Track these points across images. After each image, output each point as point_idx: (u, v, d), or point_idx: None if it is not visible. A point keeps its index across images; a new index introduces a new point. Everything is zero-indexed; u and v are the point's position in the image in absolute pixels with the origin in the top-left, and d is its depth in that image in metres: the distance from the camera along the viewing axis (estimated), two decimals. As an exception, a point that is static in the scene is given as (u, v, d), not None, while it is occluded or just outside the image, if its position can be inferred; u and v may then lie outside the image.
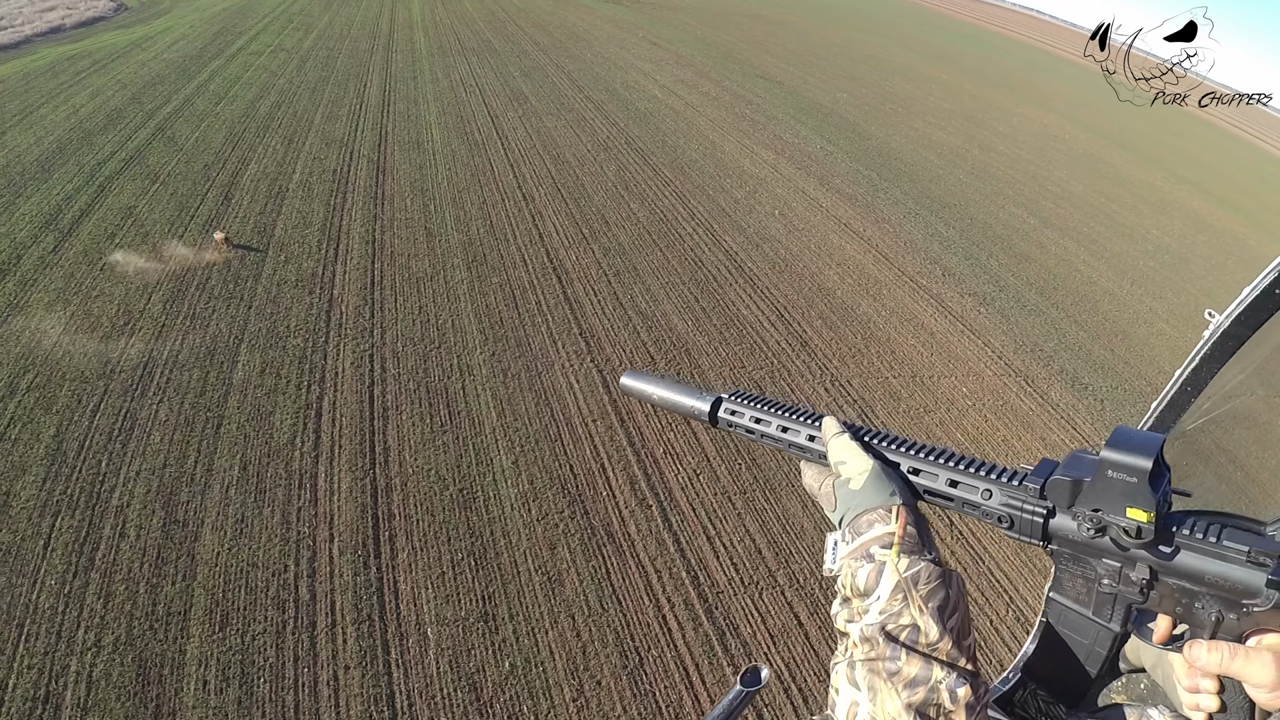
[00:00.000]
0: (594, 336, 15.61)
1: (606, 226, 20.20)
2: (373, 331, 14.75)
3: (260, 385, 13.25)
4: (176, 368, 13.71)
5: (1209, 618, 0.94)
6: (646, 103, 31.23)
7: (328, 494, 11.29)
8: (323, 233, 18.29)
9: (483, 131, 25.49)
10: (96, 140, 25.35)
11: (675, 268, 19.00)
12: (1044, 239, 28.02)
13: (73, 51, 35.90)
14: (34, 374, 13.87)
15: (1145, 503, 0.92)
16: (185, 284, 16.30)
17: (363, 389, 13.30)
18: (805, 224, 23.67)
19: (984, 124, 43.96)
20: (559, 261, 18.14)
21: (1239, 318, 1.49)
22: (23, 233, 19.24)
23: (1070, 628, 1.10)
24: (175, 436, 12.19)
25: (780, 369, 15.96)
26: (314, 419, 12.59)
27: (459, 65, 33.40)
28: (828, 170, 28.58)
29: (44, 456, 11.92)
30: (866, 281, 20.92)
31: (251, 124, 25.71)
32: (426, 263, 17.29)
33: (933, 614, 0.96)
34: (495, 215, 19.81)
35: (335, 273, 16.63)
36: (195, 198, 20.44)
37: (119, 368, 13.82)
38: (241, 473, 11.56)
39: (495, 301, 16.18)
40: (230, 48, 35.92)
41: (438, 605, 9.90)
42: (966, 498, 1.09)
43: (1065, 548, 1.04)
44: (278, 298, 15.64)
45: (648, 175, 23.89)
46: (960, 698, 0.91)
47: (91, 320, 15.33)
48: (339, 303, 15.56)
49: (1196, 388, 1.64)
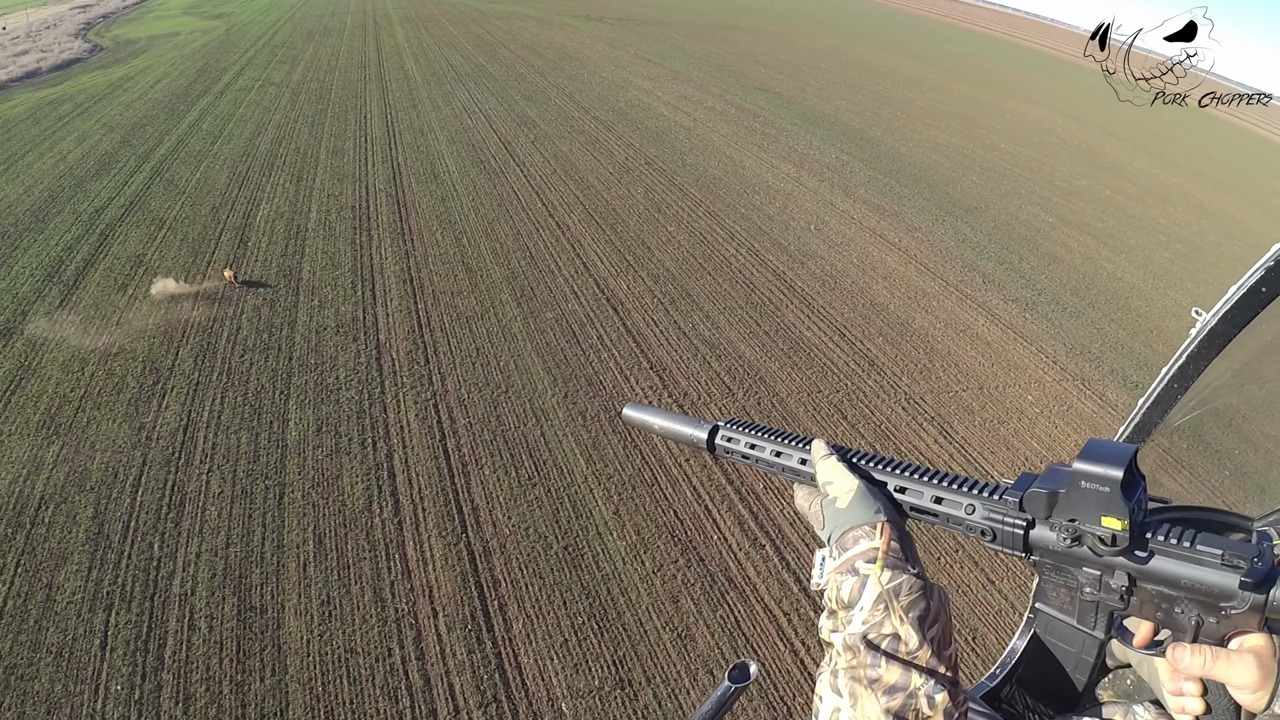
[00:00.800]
0: (665, 370, 14.72)
1: (649, 252, 19.39)
2: (431, 378, 13.71)
3: (319, 445, 12.14)
4: (221, 430, 12.54)
5: (1189, 621, 0.95)
6: (655, 121, 30.62)
7: (420, 564, 10.21)
8: (354, 273, 17.22)
9: (498, 159, 24.61)
10: (90, 187, 24.06)
11: (728, 291, 18.23)
12: (1064, 237, 27.93)
13: (52, 96, 34.45)
14: (59, 445, 12.63)
15: (1119, 511, 0.94)
16: (214, 335, 15.13)
17: (434, 443, 12.25)
18: (842, 237, 23.14)
19: (980, 123, 44.09)
20: (610, 291, 17.26)
21: (1226, 315, 1.48)
22: (24, 287, 17.95)
23: (1057, 636, 1.12)
24: (234, 510, 11.03)
25: (854, 391, 15.24)
26: (387, 480, 11.51)
27: (458, 92, 32.56)
28: (848, 180, 28.13)
29: (85, 541, 10.70)
30: (914, 293, 20.44)
31: (254, 162, 24.57)
32: (472, 300, 16.30)
33: (913, 623, 0.99)
34: (533, 246, 18.90)
35: (377, 316, 15.57)
36: (208, 241, 19.27)
37: (155, 434, 12.62)
38: (318, 547, 10.44)
39: (554, 338, 15.23)
40: (217, 84, 34.73)
41: (567, 676, 8.90)
42: (950, 513, 1.11)
43: (1046, 558, 1.05)
44: (319, 346, 14.55)
45: (676, 196, 23.17)
46: (938, 704, 0.93)
47: (115, 381, 14.11)
48: (388, 348, 14.50)
49: (1184, 385, 1.63)
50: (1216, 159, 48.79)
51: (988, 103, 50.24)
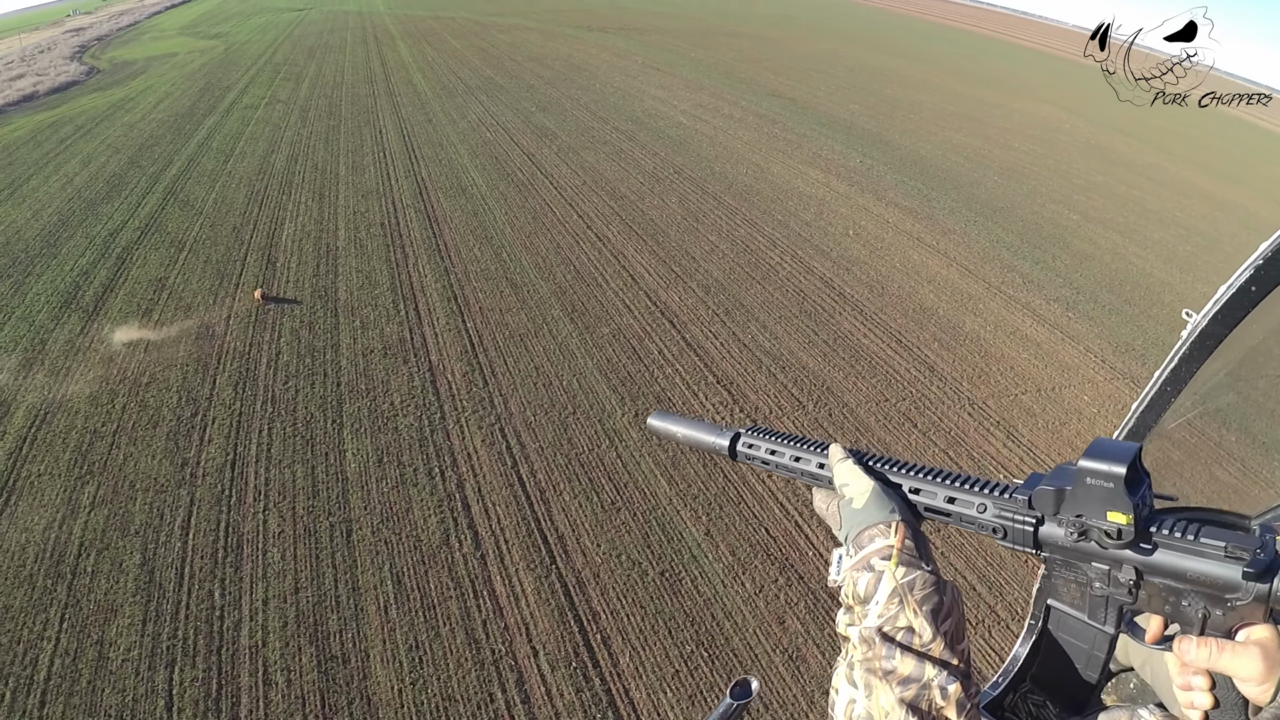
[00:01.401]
0: (731, 383, 14.00)
1: (695, 262, 18.70)
2: (492, 401, 12.89)
3: (383, 477, 11.29)
4: (273, 464, 11.66)
5: (1196, 615, 0.95)
6: (675, 130, 30.06)
7: (511, 600, 9.41)
8: (394, 292, 16.42)
9: (524, 172, 23.91)
10: (101, 209, 23.18)
11: (780, 300, 17.57)
12: (1091, 234, 27.73)
13: (52, 118, 33.57)
14: (95, 484, 11.73)
15: (1123, 506, 0.96)
16: (253, 361, 14.27)
17: (506, 470, 11.43)
18: (880, 242, 22.67)
19: (991, 123, 43.93)
20: (663, 304, 16.54)
21: (1216, 317, 1.46)
22: (41, 314, 17.06)
23: (1068, 632, 1.13)
24: (298, 551, 10.15)
25: (920, 399, 14.67)
26: (462, 511, 10.68)
27: (472, 105, 31.91)
28: (877, 184, 27.66)
29: (135, 591, 9.79)
30: (960, 297, 20.02)
31: (271, 180, 23.77)
32: (523, 317, 15.52)
33: (927, 617, 1.01)
34: (576, 259, 18.17)
35: (425, 337, 14.75)
36: (233, 263, 18.42)
37: (201, 470, 11.73)
38: (397, 587, 9.59)
39: (615, 354, 14.47)
40: (222, 103, 33.95)
41: (683, 709, 8.24)
42: (963, 513, 1.12)
43: (1056, 554, 1.07)
44: (368, 370, 13.71)
45: (711, 205, 22.53)
46: (951, 694, 0.94)
47: (150, 413, 13.22)
48: (442, 371, 13.69)
49: (1176, 388, 1.61)
50: (1221, 151, 48.94)
51: (993, 102, 50.15)
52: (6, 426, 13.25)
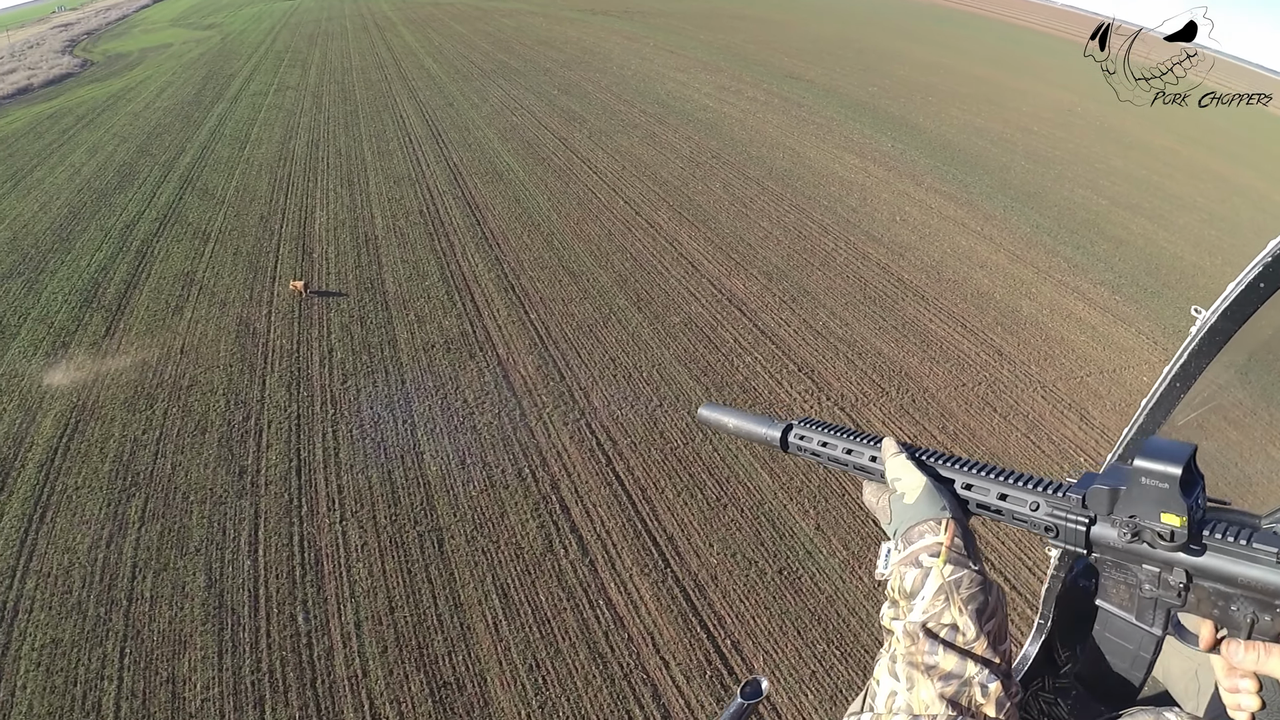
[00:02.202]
0: (812, 372, 13.23)
1: (751, 249, 17.84)
2: (573, 395, 12.00)
3: (469, 480, 10.38)
4: (343, 470, 10.72)
5: (1244, 619, 0.94)
6: (704, 113, 29.08)
7: (631, 608, 8.58)
8: (446, 283, 15.43)
9: (560, 156, 22.88)
10: (114, 200, 21.99)
11: (843, 287, 16.80)
12: (1122, 219, 27.36)
13: (49, 110, 32.12)
14: (142, 497, 10.74)
15: (1177, 507, 0.94)
16: (303, 360, 13.28)
17: (601, 468, 10.57)
18: (927, 227, 22.02)
19: (1008, 105, 43.27)
20: (728, 291, 15.68)
21: (1225, 313, 1.45)
22: (60, 314, 15.96)
23: (1115, 633, 1.12)
24: (386, 565, 9.24)
25: (994, 383, 14.19)
26: (561, 514, 9.80)
27: (491, 89, 30.77)
28: (912, 169, 26.93)
29: (204, 618, 8.84)
30: (1013, 281, 19.55)
31: (294, 167, 22.63)
32: (588, 307, 14.59)
33: (972, 615, 1.00)
34: (631, 247, 17.23)
35: (488, 330, 13.81)
36: (265, 254, 17.36)
37: (262, 479, 10.77)
38: (504, 601, 8.71)
39: (690, 344, 13.60)
40: (228, 90, 32.63)
41: (826, 710, 7.64)
42: (1015, 510, 1.11)
43: (1107, 554, 1.05)
44: (432, 367, 12.77)
45: (755, 190, 21.65)
46: (991, 693, 0.94)
47: (196, 418, 12.22)
48: (513, 365, 12.76)
49: (1185, 384, 1.59)
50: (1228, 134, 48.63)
51: (1004, 85, 49.44)
52: (34, 437, 12.19)
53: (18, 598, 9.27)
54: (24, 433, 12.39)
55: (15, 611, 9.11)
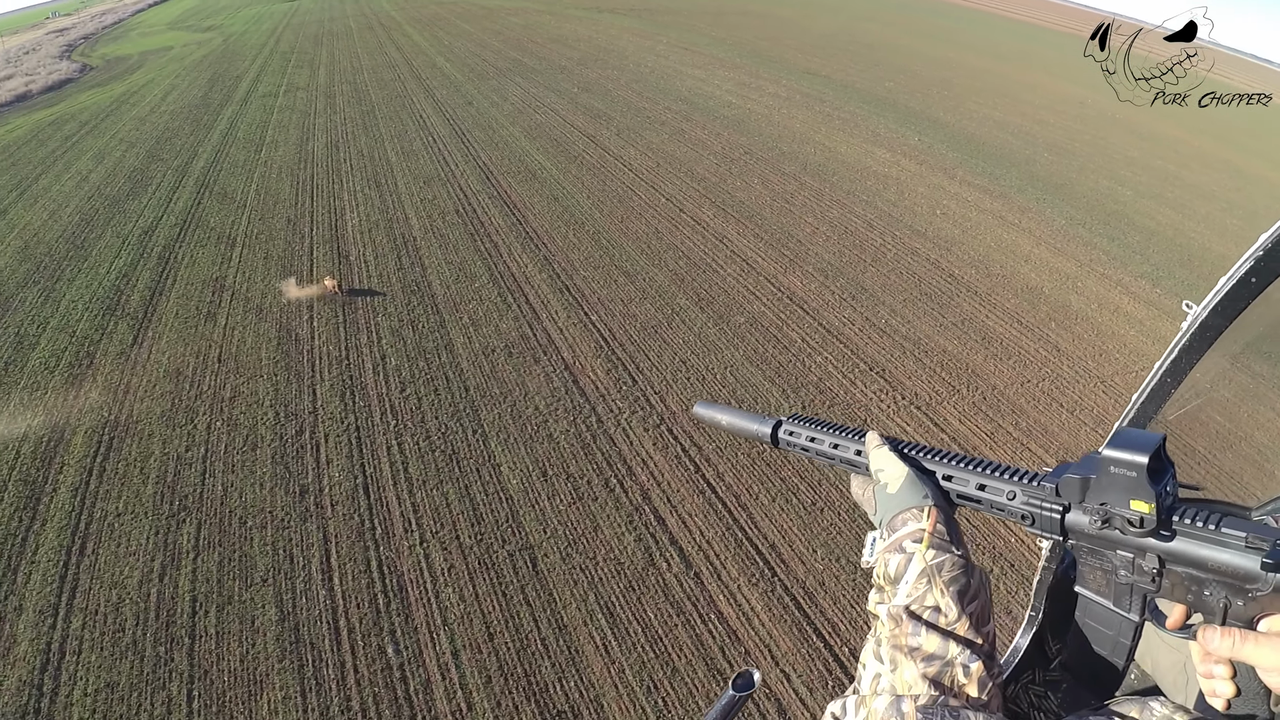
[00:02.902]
0: (884, 371, 12.67)
1: (801, 245, 17.21)
2: (649, 399, 11.28)
3: (554, 493, 9.64)
4: (416, 487, 9.95)
5: (1218, 604, 0.95)
6: (728, 109, 28.46)
7: (743, 621, 7.95)
8: (496, 285, 14.69)
9: (592, 154, 22.17)
10: (128, 206, 21.15)
11: (897, 283, 16.25)
12: (1147, 209, 27.09)
13: (51, 116, 31.17)
14: (193, 523, 9.94)
15: (1146, 495, 0.97)
16: (355, 368, 12.51)
17: (690, 475, 9.86)
18: (968, 221, 21.55)
19: (1021, 99, 42.98)
20: (787, 290, 15.03)
21: (1216, 308, 1.44)
22: (82, 324, 15.13)
23: (1095, 619, 1.14)
24: (478, 589, 8.48)
25: (1057, 379, 13.89)
26: (657, 526, 9.09)
27: (509, 87, 30.03)
28: (942, 162, 26.44)
29: (280, 654, 8.06)
30: (1058, 275, 19.23)
31: (316, 169, 21.83)
32: (649, 308, 13.89)
33: (953, 597, 1.02)
34: (682, 245, 16.54)
35: (549, 333, 13.07)
36: (298, 257, 16.57)
37: (328, 498, 9.99)
38: (611, 620, 8.00)
39: (759, 344, 12.94)
40: (237, 92, 31.77)
41: None
42: (993, 499, 1.14)
43: (1082, 541, 1.08)
44: (496, 372, 12.02)
45: (794, 186, 21.04)
46: (973, 672, 0.96)
47: (244, 432, 11.42)
48: (581, 370, 12.03)
49: (1176, 379, 1.60)
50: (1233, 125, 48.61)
51: (1013, 78, 49.15)
52: (65, 457, 11.35)
53: (63, 638, 8.44)
54: (52, 452, 11.55)
55: (62, 654, 8.30)
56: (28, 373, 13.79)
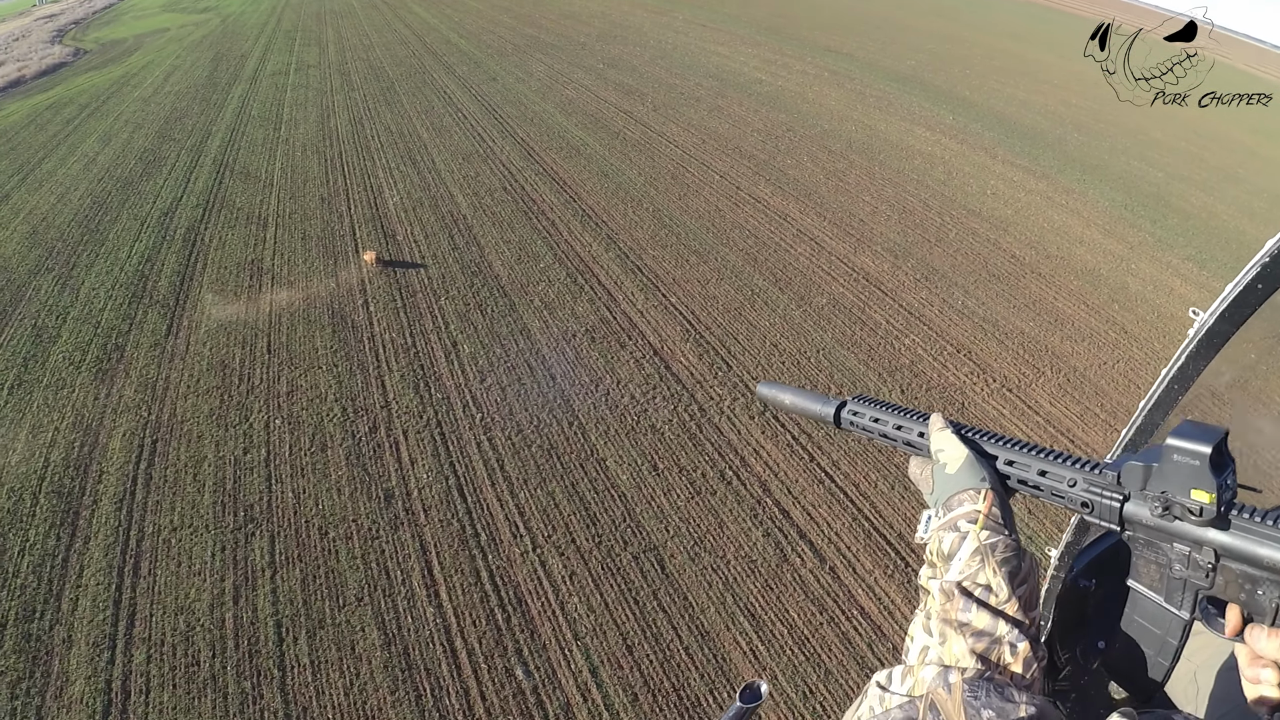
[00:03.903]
0: (970, 353, 12.17)
1: (864, 224, 16.45)
2: (747, 386, 10.46)
3: (669, 489, 8.84)
4: (518, 488, 9.09)
5: (1271, 604, 0.93)
6: (759, 86, 27.52)
7: (886, 616, 7.53)
8: (563, 266, 13.77)
9: (633, 130, 21.18)
10: (142, 187, 19.99)
11: (964, 264, 15.63)
12: (1180, 191, 26.61)
13: (48, 100, 29.70)
14: (264, 536, 9.04)
15: (1207, 484, 0.94)
16: (426, 357, 11.60)
17: (806, 464, 9.13)
18: (1018, 202, 21.00)
19: (1040, 78, 41.98)
20: (861, 269, 14.29)
21: (1223, 314, 1.44)
22: (106, 313, 14.09)
23: (1145, 617, 1.13)
24: (607, 597, 7.67)
25: (1129, 361, 13.55)
26: (783, 520, 8.38)
27: (532, 64, 28.89)
28: (981, 141, 25.71)
29: (392, 685, 7.21)
30: (1112, 257, 18.84)
31: (344, 146, 20.72)
32: (727, 289, 13.05)
33: (1005, 577, 1.01)
34: (746, 223, 15.68)
35: (629, 316, 12.21)
36: (340, 238, 15.56)
37: (418, 503, 9.10)
38: (754, 623, 7.27)
39: (845, 326, 12.20)
40: (244, 71, 30.41)
41: None
42: (1054, 486, 1.12)
43: (1139, 532, 1.06)
44: (583, 360, 11.16)
45: (844, 164, 20.22)
46: (1020, 652, 0.95)
47: (310, 431, 10.49)
48: (671, 355, 11.19)
49: (1184, 385, 1.58)
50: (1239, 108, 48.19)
51: (1029, 57, 48.08)
52: (103, 464, 10.27)
53: (126, 674, 7.49)
54: (87, 459, 10.45)
55: (126, 693, 7.36)
56: (50, 369, 12.69)
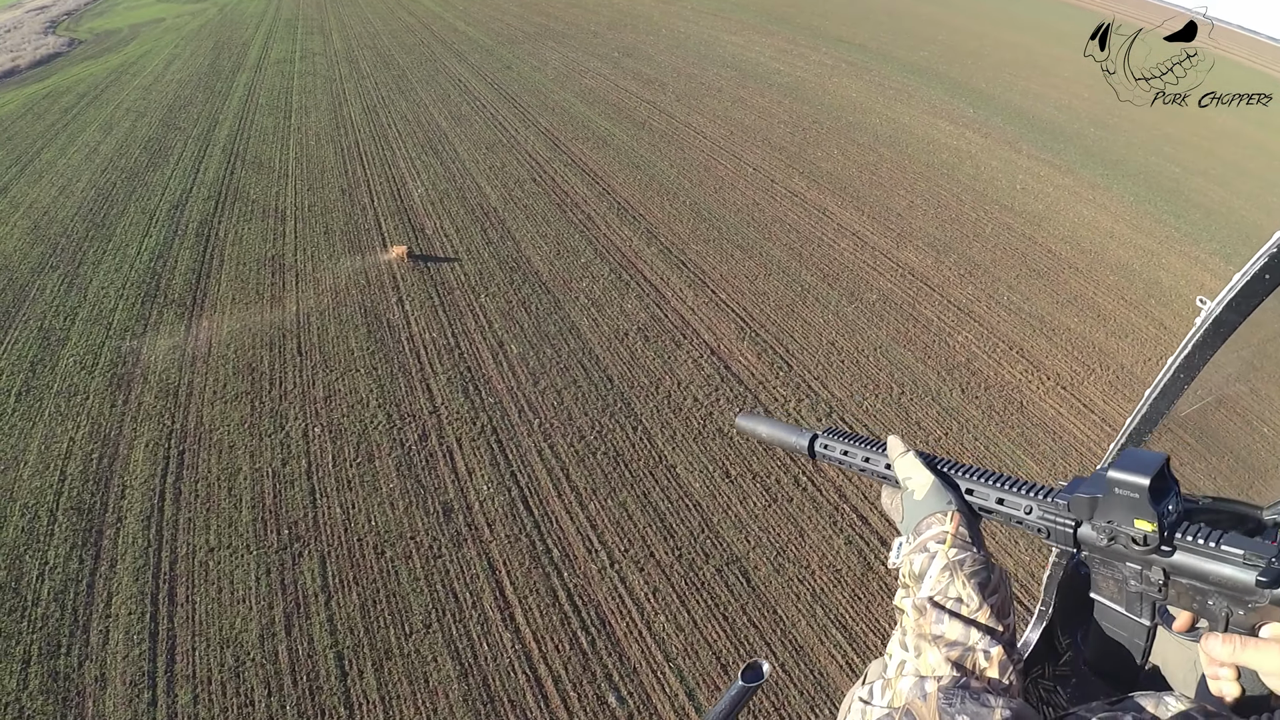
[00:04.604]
0: (1022, 350, 12.14)
1: (902, 218, 16.09)
2: (810, 386, 10.03)
3: (744, 496, 8.37)
4: (586, 497, 8.59)
5: (1220, 613, 1.00)
6: (779, 76, 26.98)
7: None
8: (604, 260, 13.24)
9: (658, 121, 20.61)
10: (149, 179, 19.24)
11: (1005, 260, 15.42)
12: (1198, 186, 26.58)
13: (44, 89, 28.70)
14: (314, 557, 8.49)
15: (1148, 515, 1.00)
16: (472, 358, 11.04)
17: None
18: (1046, 196, 20.83)
19: (1051, 71, 41.67)
20: (905, 265, 13.95)
21: (1231, 304, 1.43)
22: (118, 313, 13.36)
23: (1112, 623, 1.19)
24: (695, 613, 7.20)
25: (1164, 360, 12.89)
26: (862, 527, 8.00)
27: (546, 52, 28.21)
28: (1003, 135, 25.40)
29: (473, 717, 6.75)
30: (1143, 252, 18.80)
31: (359, 135, 20.05)
32: (777, 284, 12.59)
33: (975, 588, 1.04)
34: (785, 217, 15.21)
35: (680, 314, 11.71)
36: (365, 232, 14.95)
37: (481, 517, 8.58)
38: (846, 634, 6.99)
39: (898, 323, 11.83)
40: (247, 59, 29.56)
41: None
42: (1011, 513, 1.18)
43: (1094, 554, 1.12)
44: (636, 360, 10.65)
45: (873, 157, 19.79)
46: (994, 656, 0.98)
47: (356, 441, 9.93)
48: (729, 355, 10.71)
49: (1190, 375, 1.59)
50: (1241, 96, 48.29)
51: (1037, 49, 47.81)
52: (126, 478, 9.48)
53: (170, 718, 6.83)
54: (108, 471, 9.63)
55: None
56: (60, 374, 11.82)
